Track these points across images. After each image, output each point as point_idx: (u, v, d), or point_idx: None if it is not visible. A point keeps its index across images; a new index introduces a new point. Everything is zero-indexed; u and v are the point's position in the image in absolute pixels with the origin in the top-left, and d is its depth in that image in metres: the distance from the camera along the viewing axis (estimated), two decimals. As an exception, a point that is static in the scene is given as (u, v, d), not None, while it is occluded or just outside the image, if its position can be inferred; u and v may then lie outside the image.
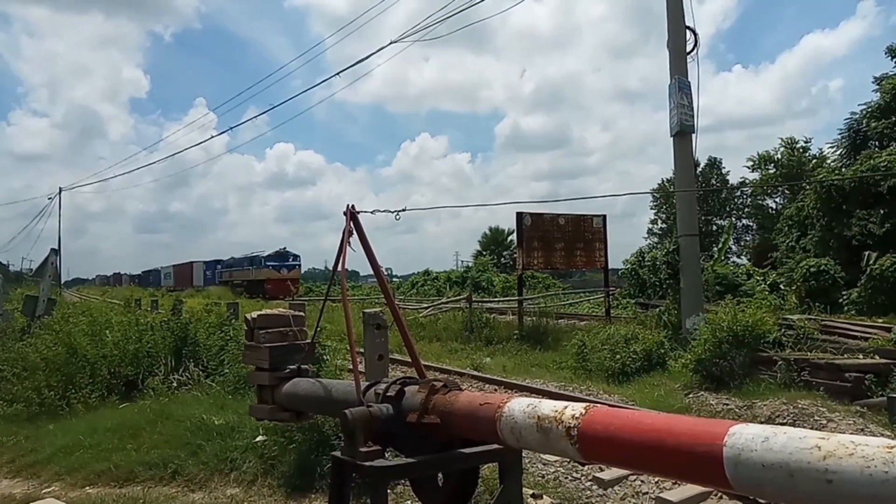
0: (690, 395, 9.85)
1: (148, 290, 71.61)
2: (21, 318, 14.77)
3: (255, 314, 4.05)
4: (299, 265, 53.77)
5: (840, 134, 29.91)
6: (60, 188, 54.53)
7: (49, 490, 6.49)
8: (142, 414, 8.07)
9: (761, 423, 6.92)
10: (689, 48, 13.70)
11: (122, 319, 11.63)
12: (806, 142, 43.11)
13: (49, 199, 54.53)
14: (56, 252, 17.21)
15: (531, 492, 5.86)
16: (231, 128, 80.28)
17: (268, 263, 51.04)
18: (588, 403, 2.13)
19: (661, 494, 5.91)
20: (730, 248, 43.83)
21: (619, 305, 21.79)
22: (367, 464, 2.58)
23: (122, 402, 9.18)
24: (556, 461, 6.75)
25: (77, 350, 9.88)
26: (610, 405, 8.06)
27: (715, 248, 32.13)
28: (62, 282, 52.23)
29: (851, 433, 7.11)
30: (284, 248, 51.56)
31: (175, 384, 9.23)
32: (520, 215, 17.95)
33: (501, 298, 26.68)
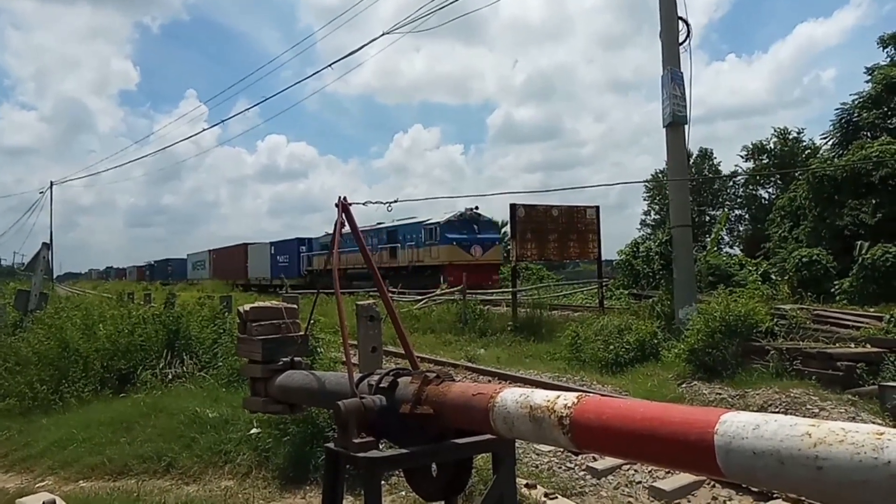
0: (683, 385, 9.90)
1: (165, 285, 60.24)
2: (13, 312, 14.71)
3: (247, 307, 4.04)
4: (500, 239, 32.72)
5: (832, 124, 30.07)
6: (52, 182, 53.84)
7: (43, 484, 6.48)
8: (135, 407, 8.06)
9: (754, 412, 6.97)
10: (681, 39, 13.69)
11: (115, 313, 11.59)
12: (798, 132, 43.32)
13: (40, 193, 53.84)
14: (48, 246, 17.12)
15: (525, 482, 5.88)
16: (223, 120, 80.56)
17: (449, 236, 30.34)
18: (580, 393, 2.14)
19: (654, 483, 5.95)
20: (722, 238, 44.01)
21: (612, 296, 21.83)
22: (360, 455, 2.58)
23: (116, 395, 9.16)
24: (549, 451, 6.77)
25: (69, 344, 9.85)
26: (603, 395, 8.10)
27: (708, 239, 32.27)
28: (54, 276, 51.89)
29: (843, 421, 7.17)
30: (475, 207, 29.95)
31: (168, 377, 9.22)
32: (513, 206, 17.94)
33: (495, 290, 26.69)
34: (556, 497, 5.74)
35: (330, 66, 20.55)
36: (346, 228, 3.51)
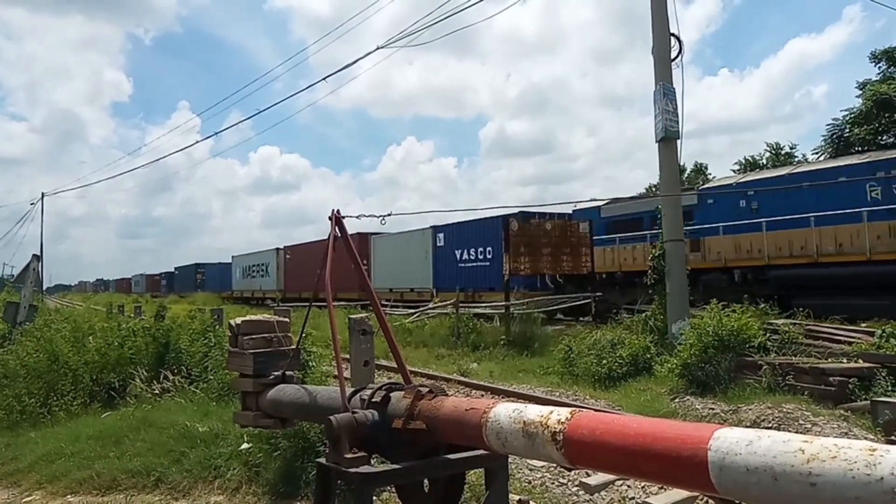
0: (676, 400, 9.88)
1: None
2: (1, 324, 14.59)
3: (239, 320, 4.02)
4: None
5: (823, 139, 30.36)
6: (43, 193, 53.41)
7: (30, 499, 6.41)
8: (124, 421, 7.98)
9: (746, 427, 6.95)
10: (673, 55, 13.81)
11: (105, 325, 11.51)
12: (791, 147, 43.74)
13: (31, 204, 53.51)
14: (38, 258, 17.04)
15: (518, 497, 5.85)
16: (216, 133, 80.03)
17: None
18: (574, 408, 2.13)
19: (647, 499, 5.92)
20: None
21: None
22: (352, 470, 2.56)
23: (105, 409, 9.07)
24: (542, 466, 6.74)
25: (59, 357, 9.76)
26: (596, 410, 8.08)
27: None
28: (44, 288, 51.40)
29: (835, 437, 7.16)
30: None
31: (158, 391, 9.14)
32: (506, 220, 18.01)
33: (488, 304, 26.68)
34: (549, 513, 5.71)
35: (324, 79, 20.75)
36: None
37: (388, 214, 4.04)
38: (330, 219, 3.52)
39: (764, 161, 44.18)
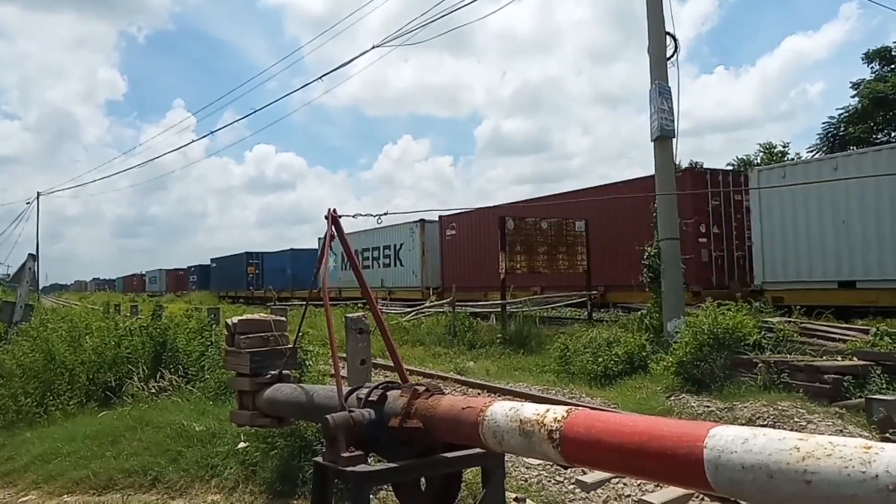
0: (672, 398, 9.90)
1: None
2: (-3, 324, 14.54)
3: (235, 319, 4.02)
4: None
5: (818, 138, 30.44)
6: (38, 193, 53.31)
7: (26, 499, 6.40)
8: (121, 421, 7.97)
9: (742, 424, 6.96)
10: (669, 54, 13.81)
11: (101, 325, 11.48)
12: (783, 146, 43.82)
13: (27, 203, 53.32)
14: (34, 257, 16.97)
15: (514, 495, 5.86)
16: (211, 132, 79.75)
17: None
18: (570, 406, 2.14)
19: (643, 497, 5.93)
20: (710, 251, 44.07)
21: (601, 309, 21.87)
22: (349, 469, 2.57)
23: (101, 408, 9.06)
24: (539, 465, 6.75)
25: (55, 356, 9.74)
26: (592, 408, 8.09)
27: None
28: (40, 287, 51.13)
29: (830, 434, 7.19)
30: None
31: (155, 390, 9.12)
32: (502, 219, 18.02)
33: (484, 302, 26.69)
34: (546, 511, 5.72)
35: (320, 78, 20.73)
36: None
37: (384, 213, 4.05)
38: (326, 218, 3.52)
39: (757, 161, 44.27)
